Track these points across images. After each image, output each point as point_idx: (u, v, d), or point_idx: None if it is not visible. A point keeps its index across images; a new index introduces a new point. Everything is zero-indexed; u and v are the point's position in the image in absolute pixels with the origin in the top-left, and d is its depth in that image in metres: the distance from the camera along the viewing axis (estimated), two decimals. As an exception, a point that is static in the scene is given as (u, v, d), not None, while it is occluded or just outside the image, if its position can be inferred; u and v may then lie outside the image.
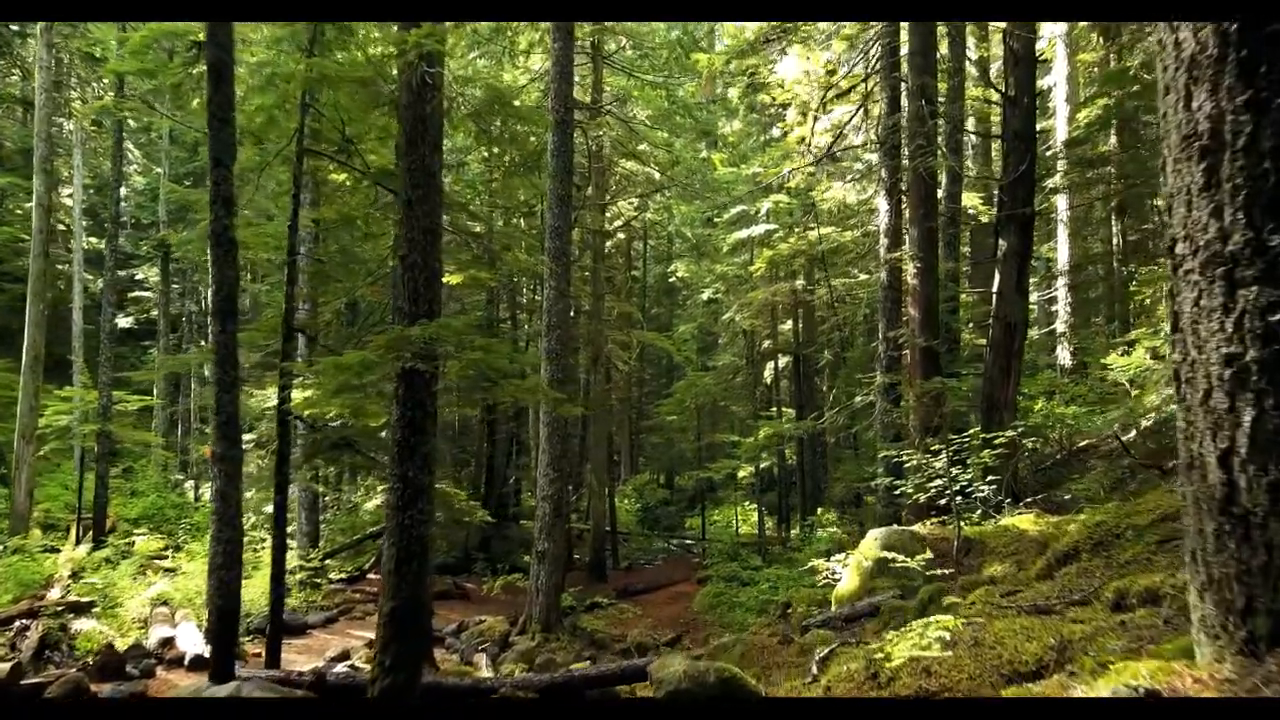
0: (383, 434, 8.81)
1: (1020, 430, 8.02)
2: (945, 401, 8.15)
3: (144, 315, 31.71)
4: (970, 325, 19.45)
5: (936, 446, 7.91)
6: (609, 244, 28.48)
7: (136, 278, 31.80)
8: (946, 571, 7.03)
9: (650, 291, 38.55)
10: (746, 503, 28.62)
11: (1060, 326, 21.16)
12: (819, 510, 24.96)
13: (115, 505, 22.20)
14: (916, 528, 8.03)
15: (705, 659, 6.77)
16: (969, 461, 8.07)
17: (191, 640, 10.52)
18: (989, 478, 8.39)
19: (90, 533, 17.71)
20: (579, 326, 23.08)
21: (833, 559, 9.12)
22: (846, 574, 8.27)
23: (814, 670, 4.05)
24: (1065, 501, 9.64)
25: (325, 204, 12.50)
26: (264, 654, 11.51)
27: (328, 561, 15.34)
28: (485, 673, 10.68)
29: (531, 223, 24.08)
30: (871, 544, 7.97)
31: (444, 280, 10.20)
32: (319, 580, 13.90)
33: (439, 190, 6.71)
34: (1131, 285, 18.81)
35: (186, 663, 10.08)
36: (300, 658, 11.12)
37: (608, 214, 23.11)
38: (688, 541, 26.25)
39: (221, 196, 7.75)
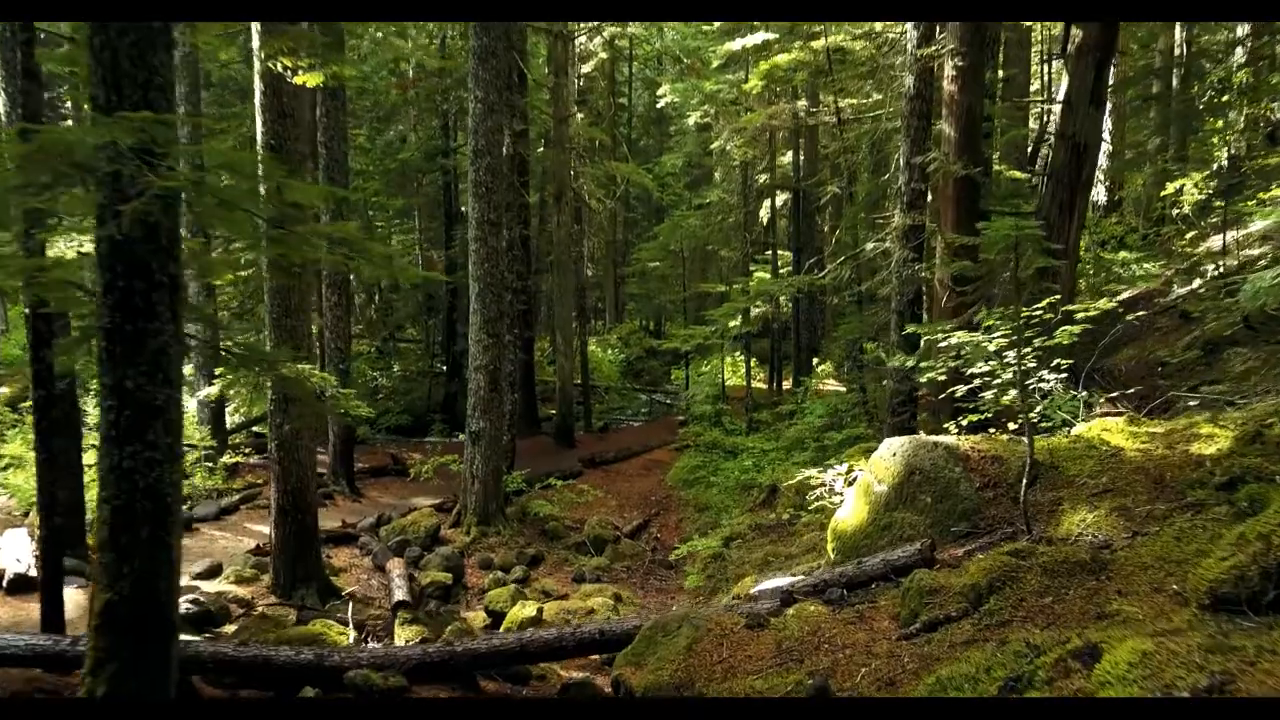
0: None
1: (1119, 300, 5.38)
2: (1019, 256, 5.41)
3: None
4: (1000, 152, 16.39)
5: (990, 320, 5.32)
6: (588, 66, 24.70)
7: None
8: (1008, 528, 4.63)
9: (639, 121, 34.84)
10: (736, 353, 26.37)
11: (1100, 158, 18.03)
12: (815, 362, 22.76)
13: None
14: (953, 438, 5.58)
15: (629, 664, 4.49)
16: (1034, 341, 5.49)
17: (17, 553, 8.34)
18: (1055, 362, 5.85)
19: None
20: (543, 156, 19.91)
21: (830, 472, 6.77)
22: (851, 498, 5.91)
23: None
24: (1155, 389, 7.17)
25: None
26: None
27: (234, 438, 13.08)
28: (399, 589, 8.59)
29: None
30: (888, 460, 5.56)
31: (298, 81, 7.28)
32: (212, 465, 11.62)
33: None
34: (1204, 102, 15.66)
35: (4, 584, 7.95)
36: (168, 569, 9.01)
37: (580, 25, 19.33)
38: (671, 395, 24.25)
39: None
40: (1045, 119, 18.38)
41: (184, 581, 8.42)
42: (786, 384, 21.97)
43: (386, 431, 18.97)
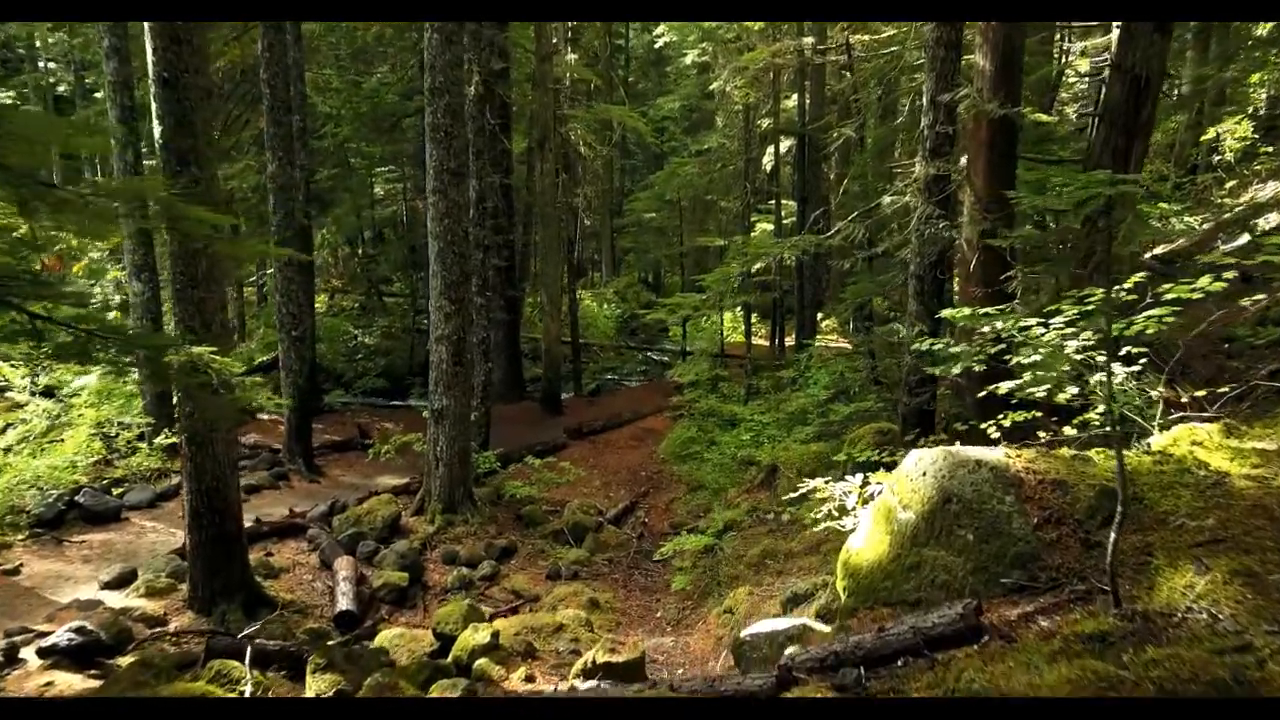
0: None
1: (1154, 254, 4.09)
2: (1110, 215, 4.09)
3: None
4: (1027, 93, 14.88)
5: (1064, 305, 4.08)
6: None
7: None
8: (1078, 584, 3.45)
9: (636, 63, 33.05)
10: (736, 308, 25.10)
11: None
12: (819, 318, 21.51)
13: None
14: (999, 454, 4.37)
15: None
16: (1110, 328, 4.25)
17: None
18: (1124, 350, 4.61)
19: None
20: (524, 98, 18.38)
21: (840, 486, 5.57)
22: (867, 522, 4.74)
23: None
24: (1224, 373, 5.94)
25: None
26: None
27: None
28: (344, 596, 7.53)
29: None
30: (917, 481, 4.37)
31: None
32: (149, 444, 10.40)
33: None
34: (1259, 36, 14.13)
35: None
36: (80, 572, 7.90)
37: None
38: (669, 354, 23.03)
39: None
40: (1065, 59, 16.84)
41: (90, 594, 7.35)
42: (789, 341, 20.78)
43: (363, 395, 17.80)
